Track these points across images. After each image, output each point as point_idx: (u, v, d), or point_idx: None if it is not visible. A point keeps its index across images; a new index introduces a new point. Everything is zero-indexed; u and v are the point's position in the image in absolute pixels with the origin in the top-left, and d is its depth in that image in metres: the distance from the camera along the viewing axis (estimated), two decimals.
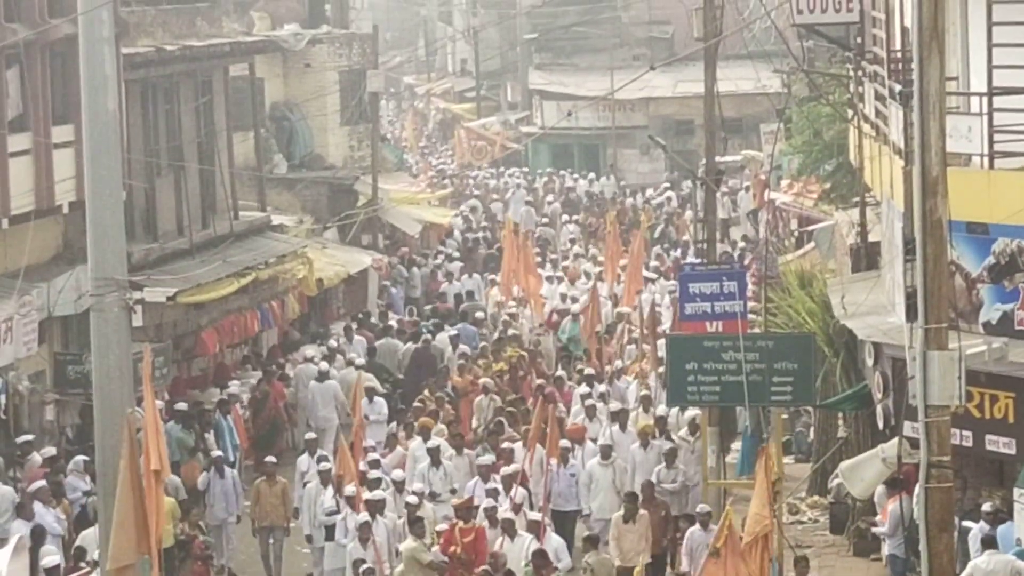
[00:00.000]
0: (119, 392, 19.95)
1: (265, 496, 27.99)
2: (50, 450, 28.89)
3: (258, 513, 28.05)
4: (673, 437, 28.79)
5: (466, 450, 29.10)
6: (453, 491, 27.40)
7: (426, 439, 28.97)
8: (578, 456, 28.30)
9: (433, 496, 27.17)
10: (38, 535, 24.50)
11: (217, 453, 29.09)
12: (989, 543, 21.79)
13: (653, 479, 27.19)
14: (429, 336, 39.29)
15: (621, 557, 25.09)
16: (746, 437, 30.05)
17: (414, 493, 26.52)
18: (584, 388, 32.34)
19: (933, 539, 13.83)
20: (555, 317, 41.24)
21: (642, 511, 25.56)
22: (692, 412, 28.84)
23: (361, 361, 36.49)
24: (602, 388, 32.84)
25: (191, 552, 25.80)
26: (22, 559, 12.01)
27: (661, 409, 29.71)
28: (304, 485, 28.07)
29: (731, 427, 31.19)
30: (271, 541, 28.22)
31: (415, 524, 25.38)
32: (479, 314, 42.20)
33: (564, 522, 27.25)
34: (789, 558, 25.15)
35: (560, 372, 35.50)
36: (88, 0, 20.65)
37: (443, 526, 25.49)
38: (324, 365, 35.88)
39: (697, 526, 24.78)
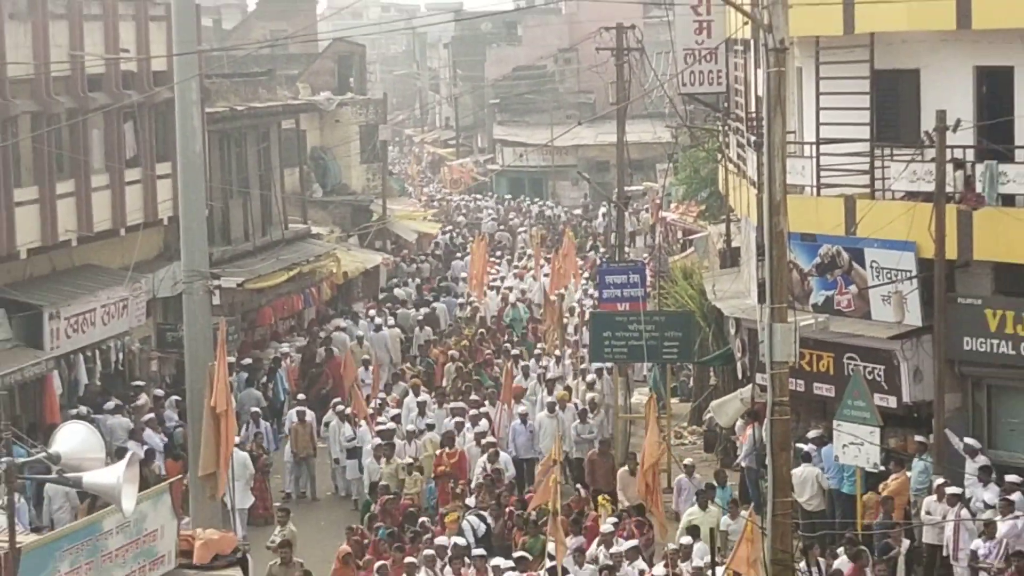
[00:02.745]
0: (203, 351, 19.99)
1: (300, 434, 27.64)
2: (159, 392, 28.97)
3: (296, 446, 27.67)
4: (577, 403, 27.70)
5: (444, 404, 28.61)
6: (429, 427, 26.83)
7: (416, 394, 28.91)
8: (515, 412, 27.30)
9: (421, 433, 26.64)
10: (149, 454, 24.74)
11: (254, 409, 28.34)
12: (805, 458, 21.96)
13: (572, 433, 26.28)
14: (433, 304, 40.27)
15: (627, 499, 23.46)
16: (655, 386, 29.81)
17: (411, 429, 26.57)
18: (534, 362, 31.60)
19: (776, 455, 13.88)
20: (501, 303, 40.61)
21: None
22: (590, 395, 27.90)
23: (393, 322, 36.87)
24: (544, 362, 31.94)
25: (258, 466, 25.80)
26: (134, 469, 11.90)
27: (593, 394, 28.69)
28: (326, 425, 27.80)
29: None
30: (303, 467, 27.86)
31: (388, 447, 25.23)
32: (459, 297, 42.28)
33: (525, 465, 26.28)
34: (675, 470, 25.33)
35: (516, 349, 33.82)
36: (181, 72, 20.67)
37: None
38: (379, 320, 36.55)
39: (684, 475, 23.49)
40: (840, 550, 19.32)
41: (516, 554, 20.01)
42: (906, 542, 19.78)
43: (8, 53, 26.00)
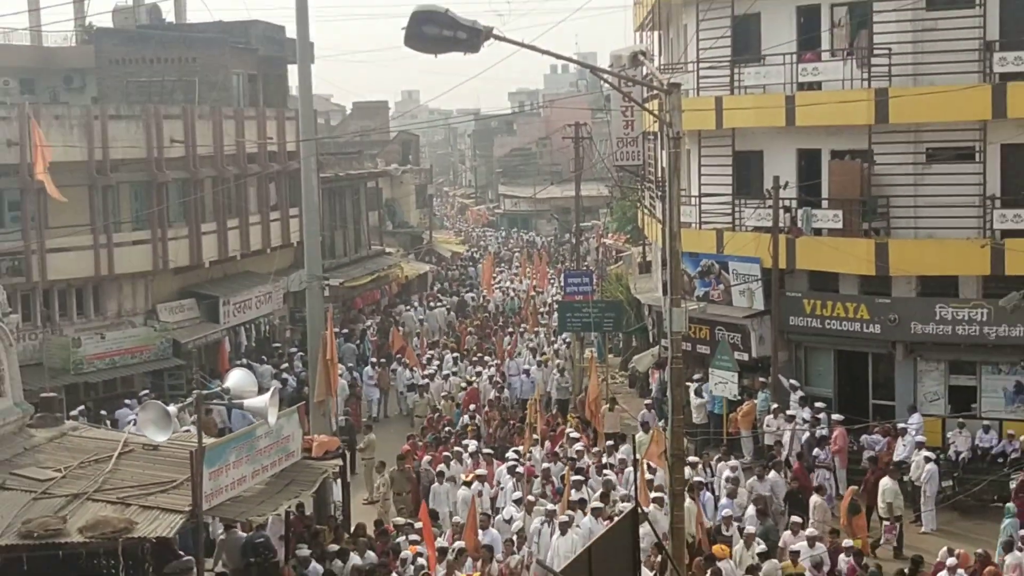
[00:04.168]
0: (319, 325, 19.94)
1: (382, 376, 27.28)
2: (292, 349, 28.73)
3: (381, 383, 27.18)
4: (550, 364, 26.88)
5: (463, 360, 28.33)
6: (455, 373, 26.43)
7: (454, 353, 28.73)
8: (515, 369, 26.06)
9: (451, 376, 26.22)
10: (299, 384, 24.70)
11: (349, 364, 27.56)
12: (697, 393, 21.90)
13: (554, 385, 25.26)
14: (463, 294, 40.16)
15: (604, 428, 22.24)
16: (599, 347, 29.51)
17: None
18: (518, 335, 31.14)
19: (673, 390, 13.45)
20: (500, 297, 40.27)
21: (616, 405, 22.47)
22: (558, 361, 26.85)
23: (441, 306, 36.48)
24: (530, 337, 31.38)
25: (355, 393, 25.50)
26: (275, 399, 11.86)
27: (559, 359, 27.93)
28: (393, 371, 27.25)
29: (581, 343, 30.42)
30: (383, 396, 27.22)
31: (423, 387, 24.99)
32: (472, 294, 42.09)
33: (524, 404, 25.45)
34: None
35: (509, 327, 33.78)
36: (305, 152, 20.68)
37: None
38: (431, 305, 36.54)
39: (645, 410, 21.47)
40: (732, 459, 18.63)
41: (515, 449, 19.90)
42: (784, 451, 19.39)
43: (198, 139, 26.15)
